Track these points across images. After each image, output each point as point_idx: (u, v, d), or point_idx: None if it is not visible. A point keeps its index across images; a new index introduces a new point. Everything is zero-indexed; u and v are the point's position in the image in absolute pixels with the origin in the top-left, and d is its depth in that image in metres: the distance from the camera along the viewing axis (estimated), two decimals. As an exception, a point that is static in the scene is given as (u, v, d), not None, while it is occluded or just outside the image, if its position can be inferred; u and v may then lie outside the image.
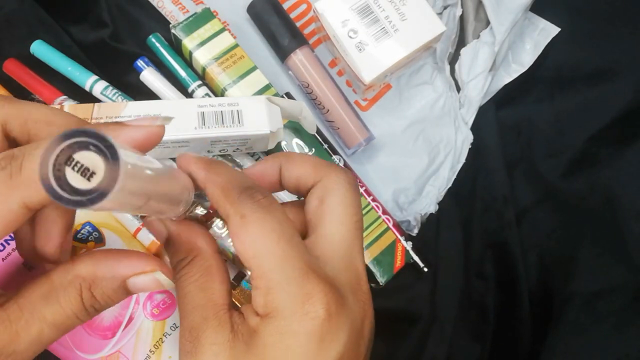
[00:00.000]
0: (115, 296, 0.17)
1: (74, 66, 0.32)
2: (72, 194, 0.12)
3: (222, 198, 0.17)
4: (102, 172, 0.12)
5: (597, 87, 0.36)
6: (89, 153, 0.12)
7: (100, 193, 0.12)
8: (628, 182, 0.33)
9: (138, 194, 0.14)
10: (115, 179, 0.12)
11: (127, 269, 0.17)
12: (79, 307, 0.16)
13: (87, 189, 0.12)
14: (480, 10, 0.36)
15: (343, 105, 0.34)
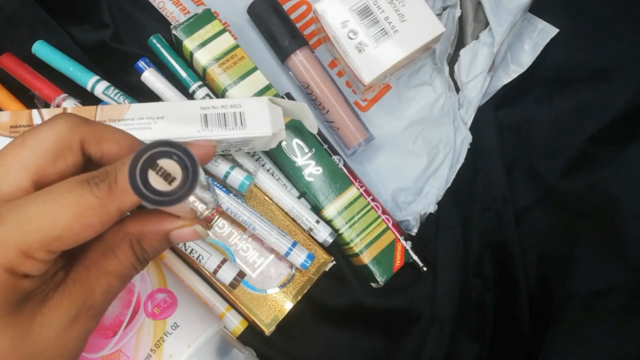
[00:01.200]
0: (160, 247, 0.19)
1: (75, 66, 0.32)
2: (156, 194, 0.15)
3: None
4: (180, 177, 0.15)
5: (595, 88, 0.36)
6: (170, 161, 0.15)
7: (180, 195, 0.15)
8: (627, 182, 0.34)
9: (199, 197, 0.17)
10: (193, 184, 0.15)
11: (170, 224, 0.19)
12: (134, 258, 0.19)
13: (167, 190, 0.15)
14: (479, 11, 0.36)
15: (343, 106, 0.34)
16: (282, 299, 0.31)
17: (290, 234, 0.32)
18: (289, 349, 0.33)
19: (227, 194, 0.31)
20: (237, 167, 0.31)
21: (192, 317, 0.29)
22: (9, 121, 0.26)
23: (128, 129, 0.27)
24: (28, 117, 0.26)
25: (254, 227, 0.31)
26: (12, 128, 0.26)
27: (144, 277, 0.29)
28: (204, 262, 0.29)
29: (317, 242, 0.32)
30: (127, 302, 0.28)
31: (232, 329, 0.31)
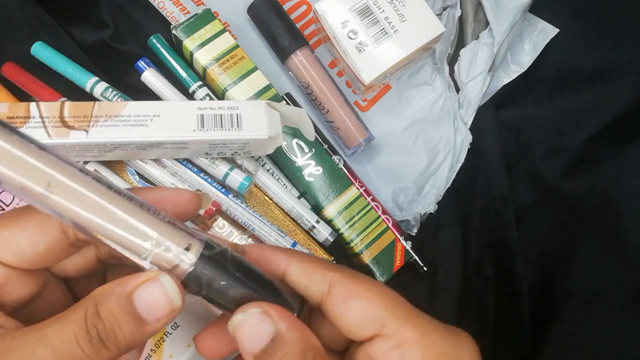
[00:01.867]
0: (121, 317, 0.14)
1: (74, 67, 0.32)
2: None
3: (319, 268, 0.18)
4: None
5: (596, 88, 0.36)
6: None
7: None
8: (627, 182, 0.33)
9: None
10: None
11: (133, 279, 0.15)
12: (80, 325, 0.14)
13: None
14: (480, 11, 0.36)
15: (343, 106, 0.34)
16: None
17: (290, 234, 0.32)
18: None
19: (226, 195, 0.31)
20: (237, 168, 0.31)
21: (192, 317, 0.29)
22: (7, 112, 0.26)
23: (124, 125, 0.27)
24: (26, 110, 0.26)
25: (253, 227, 0.30)
26: (10, 119, 0.26)
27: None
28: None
29: (317, 242, 0.32)
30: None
31: (232, 329, 0.31)
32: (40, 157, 0.15)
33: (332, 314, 0.17)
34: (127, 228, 0.15)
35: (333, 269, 0.17)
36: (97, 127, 0.27)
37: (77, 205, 0.15)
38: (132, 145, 0.27)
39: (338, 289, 0.17)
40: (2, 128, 0.15)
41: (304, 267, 0.17)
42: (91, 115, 0.27)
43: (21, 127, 0.26)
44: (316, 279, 0.17)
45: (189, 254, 0.16)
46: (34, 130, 0.26)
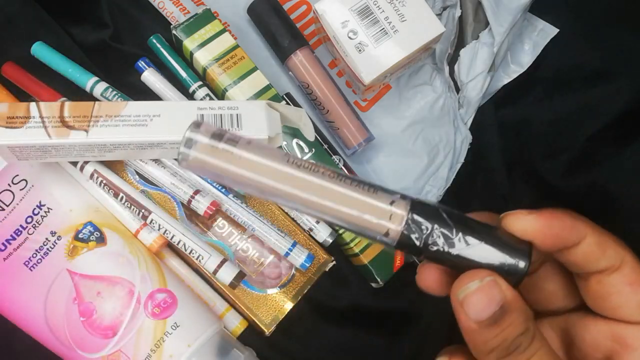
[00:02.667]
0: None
1: (74, 67, 0.32)
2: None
3: (613, 242, 0.17)
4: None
5: (595, 88, 0.36)
6: None
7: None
8: (627, 182, 0.34)
9: None
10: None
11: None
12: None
13: None
14: (479, 11, 0.36)
15: (343, 106, 0.34)
16: (282, 299, 0.31)
17: (290, 234, 0.32)
18: (289, 349, 0.33)
19: (226, 195, 0.31)
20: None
21: (193, 317, 0.29)
22: (7, 112, 0.26)
23: (124, 125, 0.27)
24: (26, 109, 0.26)
25: (253, 227, 0.31)
26: (9, 119, 0.26)
27: (144, 277, 0.29)
28: (204, 262, 0.29)
29: (317, 242, 0.32)
30: (128, 302, 0.28)
31: (232, 329, 0.31)
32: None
33: (608, 289, 0.17)
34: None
35: (626, 249, 0.17)
36: (97, 127, 0.27)
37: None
38: (132, 145, 0.27)
39: (629, 270, 0.17)
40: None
41: (600, 240, 0.17)
42: (91, 115, 0.27)
43: (21, 127, 0.26)
44: (610, 254, 0.17)
45: (397, 207, 0.16)
46: (34, 131, 0.26)
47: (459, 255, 0.16)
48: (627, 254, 0.17)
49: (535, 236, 0.17)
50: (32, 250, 0.28)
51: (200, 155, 0.16)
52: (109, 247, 0.29)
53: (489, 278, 0.16)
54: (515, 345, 0.16)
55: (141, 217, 0.30)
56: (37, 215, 0.29)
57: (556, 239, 0.17)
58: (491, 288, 0.16)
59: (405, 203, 0.17)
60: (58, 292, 0.28)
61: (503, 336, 0.16)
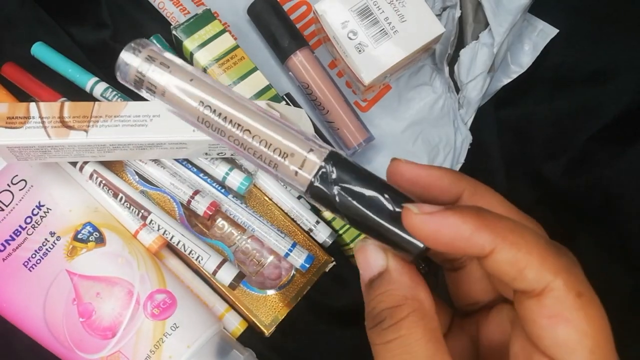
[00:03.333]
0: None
1: (74, 68, 0.32)
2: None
3: (538, 264, 0.14)
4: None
5: (595, 88, 0.36)
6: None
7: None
8: (627, 182, 0.34)
9: None
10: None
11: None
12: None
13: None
14: (479, 12, 0.36)
15: (343, 106, 0.34)
16: (282, 299, 0.31)
17: (290, 235, 0.31)
18: (289, 349, 0.33)
19: (226, 195, 0.31)
20: (236, 168, 0.31)
21: (192, 318, 0.28)
22: (7, 112, 0.26)
23: (124, 125, 0.27)
24: (25, 110, 0.26)
25: (253, 228, 0.30)
26: (9, 119, 0.26)
27: (144, 277, 0.29)
28: (203, 263, 0.29)
29: (317, 243, 0.32)
30: (127, 302, 0.28)
31: (231, 329, 0.31)
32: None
33: (525, 314, 0.15)
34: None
35: (556, 272, 0.14)
36: (97, 128, 0.27)
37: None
38: (132, 146, 0.27)
39: (551, 301, 0.14)
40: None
41: (517, 258, 0.14)
42: (91, 116, 0.27)
43: (20, 127, 0.26)
44: (529, 276, 0.14)
45: (313, 154, 0.16)
46: (34, 131, 0.26)
47: (366, 214, 0.16)
48: (557, 278, 0.14)
49: (425, 239, 0.15)
50: (31, 251, 0.28)
51: (131, 76, 0.17)
52: (108, 247, 0.29)
53: (373, 242, 0.16)
54: (380, 318, 0.15)
55: (140, 218, 0.29)
56: (36, 215, 0.29)
57: (449, 247, 0.14)
58: (373, 252, 0.16)
59: (323, 153, 0.16)
60: (57, 292, 0.28)
61: (372, 304, 0.15)
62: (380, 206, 0.16)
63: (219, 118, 0.17)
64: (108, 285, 0.28)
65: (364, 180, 0.16)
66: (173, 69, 0.17)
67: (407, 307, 0.15)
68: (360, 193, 0.16)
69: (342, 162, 0.16)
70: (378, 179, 0.16)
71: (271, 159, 0.17)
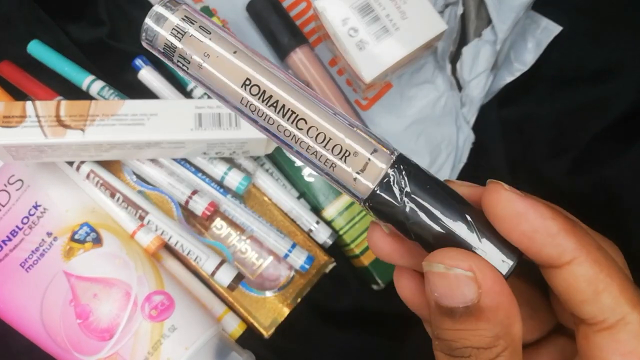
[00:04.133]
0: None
1: (70, 66, 0.32)
2: None
3: (617, 291, 0.13)
4: None
5: (600, 86, 0.36)
6: None
7: None
8: (631, 181, 0.33)
9: None
10: None
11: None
12: None
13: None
14: (482, 9, 0.36)
15: (343, 105, 0.34)
16: (282, 301, 0.31)
17: (289, 235, 0.31)
18: (289, 351, 0.33)
19: (224, 195, 0.30)
20: (235, 168, 0.30)
21: (190, 319, 0.28)
22: (3, 111, 0.26)
23: (121, 124, 0.27)
24: (22, 108, 0.26)
25: (252, 228, 0.30)
26: (5, 118, 0.26)
27: (141, 278, 0.28)
28: (201, 264, 0.29)
29: (317, 244, 0.32)
30: (124, 304, 0.27)
31: (230, 331, 0.31)
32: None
33: (594, 351, 0.13)
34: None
35: (634, 305, 0.13)
36: (94, 127, 0.26)
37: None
38: (129, 145, 0.27)
39: (625, 335, 0.13)
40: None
41: (596, 276, 0.13)
42: (88, 115, 0.27)
43: (17, 126, 0.26)
44: (605, 302, 0.13)
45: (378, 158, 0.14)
46: (30, 130, 0.26)
47: (438, 229, 0.13)
48: (634, 311, 0.13)
49: (507, 220, 0.13)
50: (28, 251, 0.28)
51: (168, 37, 0.13)
52: (105, 248, 0.29)
53: (466, 273, 0.13)
54: (463, 353, 0.13)
55: (138, 218, 0.29)
56: (33, 215, 0.29)
57: (528, 240, 0.13)
58: (461, 282, 0.13)
59: (389, 157, 0.14)
60: (54, 293, 0.28)
61: (451, 335, 0.13)
62: (460, 229, 0.13)
63: (268, 103, 0.14)
64: (105, 287, 0.28)
65: (440, 196, 0.14)
66: (214, 36, 0.14)
67: (499, 348, 0.13)
68: (435, 212, 0.13)
69: (412, 168, 0.14)
70: (457, 195, 0.14)
71: (328, 159, 0.14)
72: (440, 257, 0.13)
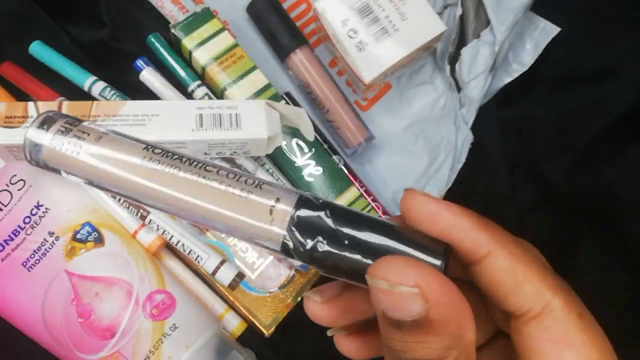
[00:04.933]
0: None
1: (72, 67, 0.32)
2: None
3: (537, 280, 0.13)
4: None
5: (598, 87, 0.36)
6: None
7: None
8: (629, 182, 0.33)
9: None
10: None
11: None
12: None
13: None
14: (481, 10, 0.36)
15: (343, 105, 0.34)
16: (282, 300, 0.31)
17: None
18: (289, 350, 0.33)
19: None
20: (236, 168, 0.31)
21: (191, 318, 0.28)
22: (5, 112, 0.26)
23: (122, 125, 0.27)
24: (24, 109, 0.26)
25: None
26: (7, 119, 0.26)
27: (143, 277, 0.28)
28: (202, 263, 0.29)
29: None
30: (126, 303, 0.28)
31: (231, 330, 0.31)
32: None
33: (526, 343, 0.13)
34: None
35: (555, 290, 0.13)
36: (95, 127, 0.27)
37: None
38: (131, 145, 0.27)
39: (552, 322, 0.13)
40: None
41: (514, 268, 0.13)
42: (89, 115, 0.27)
43: (19, 126, 0.26)
44: (528, 293, 0.13)
45: (281, 204, 0.14)
46: (32, 130, 0.26)
47: (352, 257, 0.13)
48: (556, 297, 0.13)
49: (423, 220, 0.13)
50: (30, 251, 0.28)
51: (47, 157, 0.15)
52: (107, 247, 0.29)
53: (412, 290, 0.12)
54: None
55: (140, 218, 0.29)
56: (35, 215, 0.29)
57: (445, 235, 0.13)
58: (406, 298, 0.12)
59: (291, 199, 0.14)
60: (56, 293, 0.28)
61: (399, 346, 0.13)
62: (385, 242, 0.13)
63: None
64: (107, 286, 0.28)
65: (357, 224, 0.14)
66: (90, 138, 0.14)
67: (450, 358, 0.12)
68: (357, 238, 0.14)
69: (312, 210, 0.14)
70: (369, 218, 0.14)
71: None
72: (383, 271, 0.12)
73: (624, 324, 0.30)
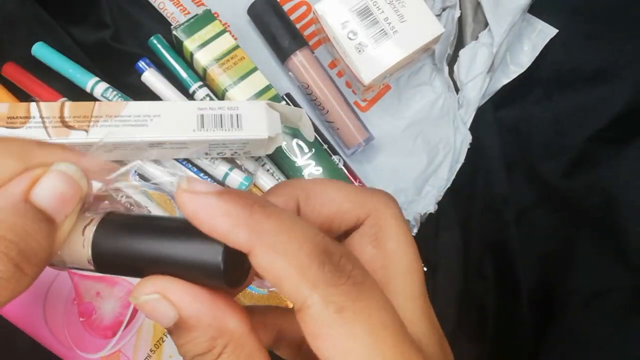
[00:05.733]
0: (31, 227, 0.13)
1: (74, 68, 0.32)
2: None
3: (296, 275, 0.12)
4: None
5: (595, 88, 0.36)
6: None
7: None
8: (627, 182, 0.34)
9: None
10: None
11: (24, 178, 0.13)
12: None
13: None
14: (479, 12, 0.36)
15: (342, 106, 0.34)
16: (283, 299, 0.31)
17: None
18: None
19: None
20: (236, 169, 0.31)
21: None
22: (8, 112, 0.26)
23: (125, 125, 0.27)
24: (26, 110, 0.27)
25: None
26: (10, 119, 0.26)
27: (144, 277, 0.29)
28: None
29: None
30: (127, 302, 0.28)
31: (231, 329, 0.31)
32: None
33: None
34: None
35: (313, 285, 0.12)
36: (97, 127, 0.27)
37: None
38: (132, 146, 0.27)
39: (310, 321, 0.13)
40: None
41: (272, 265, 0.13)
42: (91, 116, 0.27)
43: (21, 127, 0.26)
44: (287, 289, 0.13)
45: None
46: (35, 131, 0.26)
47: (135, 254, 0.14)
48: (314, 292, 0.12)
49: (190, 219, 0.13)
50: (31, 250, 0.28)
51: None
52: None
53: (153, 296, 0.13)
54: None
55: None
56: (37, 215, 0.29)
57: (214, 234, 0.13)
58: (157, 305, 0.13)
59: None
60: (57, 292, 0.28)
61: (180, 351, 0.14)
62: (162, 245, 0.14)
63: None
64: (108, 285, 0.28)
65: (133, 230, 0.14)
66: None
67: (218, 347, 0.13)
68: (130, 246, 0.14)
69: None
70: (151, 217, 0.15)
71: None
72: (134, 292, 0.14)
73: (623, 323, 0.31)
